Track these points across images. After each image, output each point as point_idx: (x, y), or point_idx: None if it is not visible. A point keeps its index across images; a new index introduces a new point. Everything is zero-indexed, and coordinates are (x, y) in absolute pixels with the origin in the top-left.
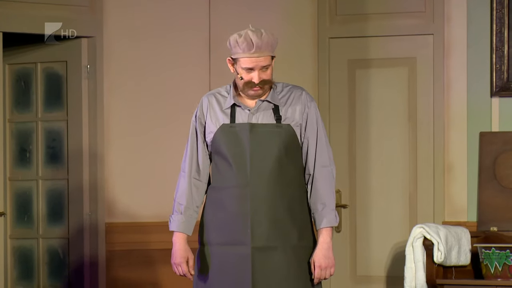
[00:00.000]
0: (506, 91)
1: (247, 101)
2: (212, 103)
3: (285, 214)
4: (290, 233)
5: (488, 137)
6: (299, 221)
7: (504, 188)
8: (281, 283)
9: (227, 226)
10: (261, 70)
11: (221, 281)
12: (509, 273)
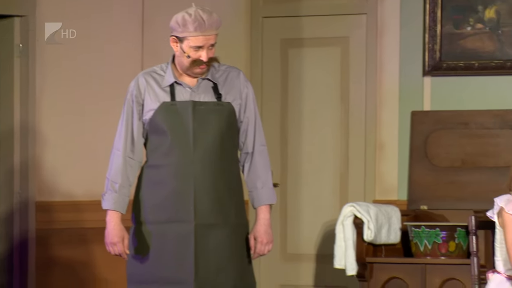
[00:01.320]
0: (438, 71)
1: (187, 79)
2: (149, 82)
3: (225, 192)
4: (229, 210)
5: (420, 116)
6: (236, 198)
7: (434, 166)
8: (222, 260)
9: (168, 204)
10: (208, 48)
11: (160, 259)
12: (439, 251)
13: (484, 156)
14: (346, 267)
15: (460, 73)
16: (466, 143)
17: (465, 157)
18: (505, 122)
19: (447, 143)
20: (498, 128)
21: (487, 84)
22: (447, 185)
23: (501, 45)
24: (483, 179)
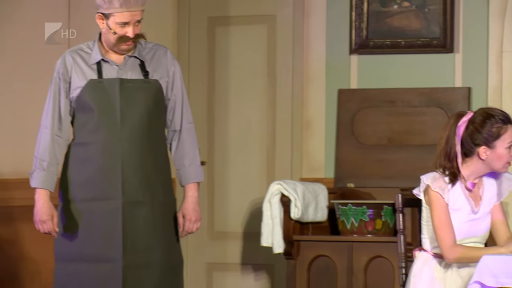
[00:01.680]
0: (365, 49)
1: (114, 56)
2: (76, 60)
3: (153, 169)
4: (156, 188)
5: (347, 94)
6: (163, 176)
7: (361, 144)
8: (149, 238)
9: (95, 182)
10: (135, 25)
11: (89, 236)
12: (365, 229)
13: (411, 134)
14: (273, 245)
15: (386, 51)
16: (393, 121)
17: (392, 135)
18: (432, 100)
19: (374, 121)
20: (425, 106)
21: (413, 62)
22: (374, 163)
23: (427, 23)
24: (410, 157)
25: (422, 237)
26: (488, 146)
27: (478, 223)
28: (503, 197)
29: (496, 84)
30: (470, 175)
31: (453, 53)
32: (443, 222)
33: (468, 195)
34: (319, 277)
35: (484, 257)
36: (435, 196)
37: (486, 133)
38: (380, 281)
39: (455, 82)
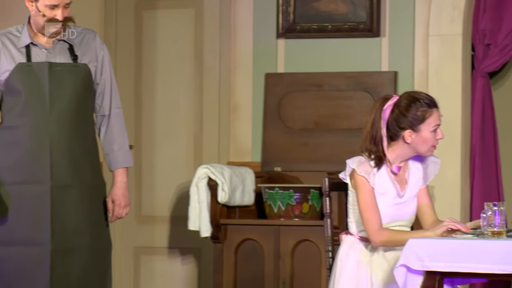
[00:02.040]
0: (292, 33)
1: (43, 40)
2: (5, 43)
3: (81, 153)
4: (85, 172)
5: (274, 78)
6: (92, 160)
7: (288, 128)
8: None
9: (24, 165)
10: (64, 8)
11: (18, 220)
12: (292, 213)
13: (338, 118)
14: (200, 228)
15: (313, 35)
16: (320, 105)
17: (319, 119)
18: (359, 84)
19: (301, 105)
20: (352, 90)
21: (340, 46)
22: (301, 147)
23: (354, 8)
24: (337, 141)
25: (349, 221)
26: (413, 129)
27: (404, 206)
28: (428, 180)
29: (422, 68)
30: (396, 159)
31: (379, 37)
32: (369, 205)
33: (393, 178)
34: (246, 261)
35: (410, 240)
36: (361, 180)
37: (411, 116)
38: (307, 264)
39: (381, 66)
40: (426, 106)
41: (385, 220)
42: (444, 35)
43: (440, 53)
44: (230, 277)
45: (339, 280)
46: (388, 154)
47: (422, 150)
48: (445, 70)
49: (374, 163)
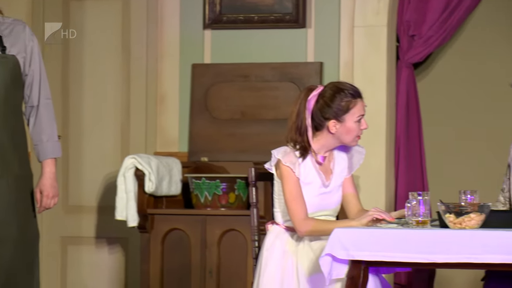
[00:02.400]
0: (218, 24)
1: None
2: None
3: (9, 143)
4: (13, 163)
5: (200, 69)
6: (19, 150)
7: (215, 119)
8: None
9: None
10: None
11: None
12: (219, 203)
13: (264, 109)
14: (127, 218)
15: (240, 26)
16: (246, 96)
17: (245, 109)
18: (284, 74)
19: (228, 96)
20: (278, 80)
21: (266, 37)
22: (227, 137)
23: None
24: (263, 131)
25: (275, 211)
26: (338, 119)
27: (329, 196)
28: (353, 170)
29: (347, 59)
30: (321, 149)
31: (305, 28)
32: (295, 196)
33: (319, 168)
34: (173, 250)
35: (335, 230)
36: (286, 171)
37: (336, 107)
38: (233, 254)
39: (307, 57)
40: (350, 96)
41: (311, 210)
42: (369, 26)
43: (365, 44)
44: (157, 267)
45: (265, 270)
46: (313, 144)
47: (347, 140)
48: (370, 61)
49: (299, 153)
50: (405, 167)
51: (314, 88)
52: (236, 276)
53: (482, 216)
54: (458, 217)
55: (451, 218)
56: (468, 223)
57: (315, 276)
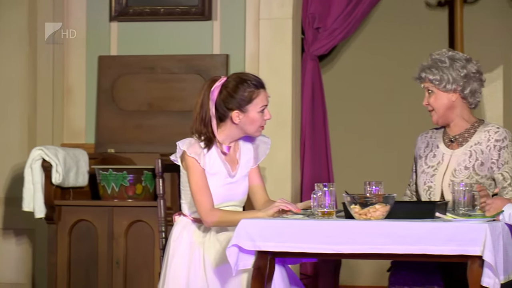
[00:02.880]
0: (124, 16)
1: None
2: None
3: None
4: None
5: (107, 61)
6: None
7: (121, 110)
8: None
9: None
10: None
11: None
12: (126, 194)
13: (171, 100)
14: (34, 209)
15: (146, 18)
16: (153, 88)
17: (152, 101)
18: (191, 66)
19: (134, 88)
20: (184, 72)
21: (173, 30)
22: (134, 128)
23: None
24: (170, 123)
25: (181, 202)
26: (241, 110)
27: (235, 186)
28: (259, 160)
29: (253, 51)
30: (225, 139)
31: (211, 20)
32: (200, 187)
33: (224, 159)
34: (80, 241)
35: (242, 221)
36: (191, 162)
37: (239, 97)
38: (140, 245)
39: (213, 49)
40: (253, 87)
41: (217, 200)
42: (274, 19)
43: (271, 36)
44: (65, 258)
45: (172, 260)
46: (218, 135)
47: (250, 131)
48: (276, 53)
49: (204, 144)
50: (311, 158)
51: (217, 79)
52: (143, 267)
53: (387, 207)
54: (363, 208)
55: (357, 209)
56: (373, 214)
57: (222, 267)
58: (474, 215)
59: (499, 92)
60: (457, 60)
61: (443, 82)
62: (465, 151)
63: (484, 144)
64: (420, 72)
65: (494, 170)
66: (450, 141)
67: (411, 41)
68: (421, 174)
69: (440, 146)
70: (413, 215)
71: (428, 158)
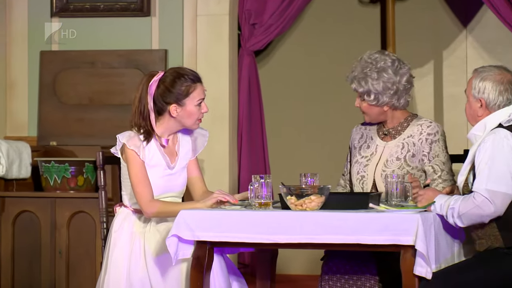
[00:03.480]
0: (65, 12)
1: None
2: None
3: None
4: None
5: (48, 55)
6: None
7: (63, 104)
8: None
9: None
10: None
11: None
12: (68, 185)
13: (111, 94)
14: None
15: (86, 14)
16: (94, 82)
17: (93, 95)
18: (130, 61)
19: (75, 82)
20: (124, 67)
21: (112, 25)
22: (75, 122)
23: None
24: (110, 116)
25: (122, 194)
26: (178, 104)
27: (174, 178)
28: (198, 152)
29: (191, 46)
30: (164, 132)
31: (150, 16)
32: (140, 178)
33: (163, 151)
34: (24, 232)
35: (181, 212)
36: (131, 154)
37: (176, 91)
38: (82, 235)
39: (152, 44)
40: (190, 81)
41: (157, 192)
42: (211, 15)
43: (208, 32)
44: (8, 248)
45: (113, 250)
46: (156, 128)
47: (188, 124)
48: (213, 48)
49: (143, 137)
50: (248, 150)
51: (155, 74)
52: (85, 256)
53: (322, 198)
54: (299, 199)
55: (292, 200)
56: (308, 205)
57: (162, 256)
58: (406, 206)
59: (430, 86)
60: (386, 73)
61: (371, 96)
62: (398, 143)
63: (417, 137)
64: (350, 82)
65: (425, 162)
66: (384, 134)
67: (344, 38)
68: (355, 164)
69: (374, 138)
70: (347, 206)
71: (362, 149)
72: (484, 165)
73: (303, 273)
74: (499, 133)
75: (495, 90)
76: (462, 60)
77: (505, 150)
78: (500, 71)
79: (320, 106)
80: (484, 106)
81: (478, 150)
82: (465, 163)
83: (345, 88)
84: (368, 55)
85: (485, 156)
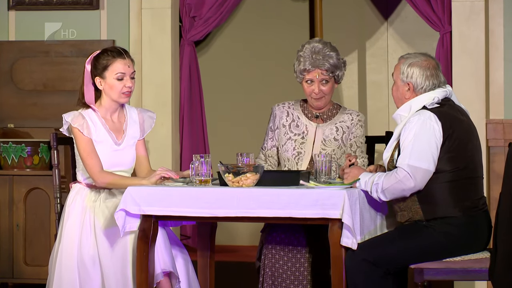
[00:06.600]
0: (21, 5)
1: None
2: None
3: None
4: None
5: (6, 45)
6: None
7: (20, 90)
8: None
9: None
10: None
11: None
12: (24, 164)
13: (63, 81)
14: None
15: (40, 7)
16: (48, 70)
17: (47, 82)
18: (81, 51)
19: (31, 70)
20: (75, 56)
21: (65, 18)
22: (31, 106)
23: None
24: (62, 101)
25: (76, 171)
26: (101, 76)
27: (122, 154)
28: (146, 133)
29: (136, 37)
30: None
31: (98, 9)
32: (88, 152)
33: (109, 128)
34: None
35: (128, 188)
36: (76, 132)
37: (99, 65)
38: (38, 210)
39: (101, 35)
40: (110, 55)
41: (107, 166)
42: (155, 8)
43: (152, 24)
44: None
45: (66, 223)
46: (99, 109)
47: (114, 97)
48: (157, 39)
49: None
50: (189, 132)
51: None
52: (41, 229)
53: (257, 176)
54: (236, 177)
55: (230, 177)
56: (244, 182)
57: (111, 229)
58: (334, 182)
59: (354, 74)
60: (335, 51)
61: (336, 71)
62: (332, 126)
63: (349, 122)
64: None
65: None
66: (315, 116)
67: (275, 31)
68: (288, 140)
69: (301, 117)
70: (280, 182)
71: (292, 127)
72: (408, 143)
73: (245, 244)
74: (424, 114)
75: (422, 75)
76: (384, 50)
77: (429, 130)
78: (425, 57)
79: (253, 91)
80: (411, 90)
81: (404, 129)
82: (391, 140)
83: (273, 75)
84: (310, 43)
85: (410, 134)
